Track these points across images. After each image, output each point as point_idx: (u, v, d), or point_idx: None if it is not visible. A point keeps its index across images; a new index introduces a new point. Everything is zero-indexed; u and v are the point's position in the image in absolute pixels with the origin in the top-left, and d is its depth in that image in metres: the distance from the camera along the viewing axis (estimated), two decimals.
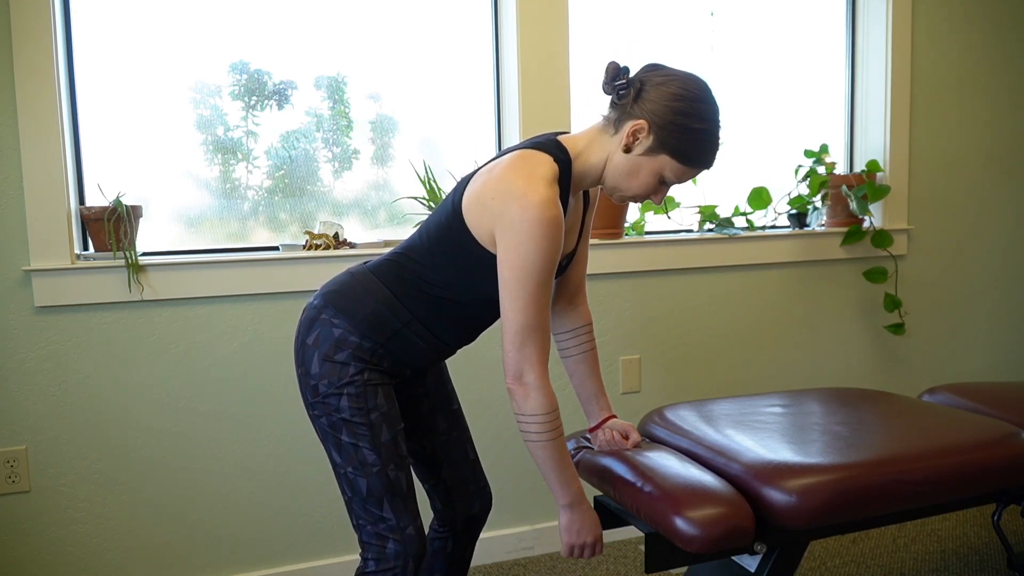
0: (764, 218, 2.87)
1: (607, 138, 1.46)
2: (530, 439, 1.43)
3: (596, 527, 1.51)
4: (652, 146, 1.42)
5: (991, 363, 3.19)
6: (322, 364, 1.46)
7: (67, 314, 2.11)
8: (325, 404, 1.47)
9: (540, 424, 1.41)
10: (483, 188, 1.41)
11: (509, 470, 2.53)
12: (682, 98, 1.39)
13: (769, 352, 2.83)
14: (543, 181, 1.37)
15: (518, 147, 1.47)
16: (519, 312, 1.37)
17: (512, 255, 1.36)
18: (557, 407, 1.42)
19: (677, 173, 1.44)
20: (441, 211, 1.49)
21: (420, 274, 1.49)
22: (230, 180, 2.37)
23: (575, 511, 1.49)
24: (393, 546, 1.47)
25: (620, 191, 1.49)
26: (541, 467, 1.46)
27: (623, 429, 1.71)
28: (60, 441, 2.14)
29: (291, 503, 2.33)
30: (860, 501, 1.50)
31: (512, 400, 1.42)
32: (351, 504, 1.49)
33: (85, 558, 2.18)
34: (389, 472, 1.47)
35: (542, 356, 1.40)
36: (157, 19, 2.26)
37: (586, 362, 1.71)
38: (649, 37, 2.74)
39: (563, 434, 1.44)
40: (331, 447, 1.49)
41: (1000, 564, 2.42)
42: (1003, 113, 3.09)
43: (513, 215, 1.35)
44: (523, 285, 1.36)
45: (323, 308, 1.50)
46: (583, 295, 1.71)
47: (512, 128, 2.51)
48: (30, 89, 2.02)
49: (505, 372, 1.41)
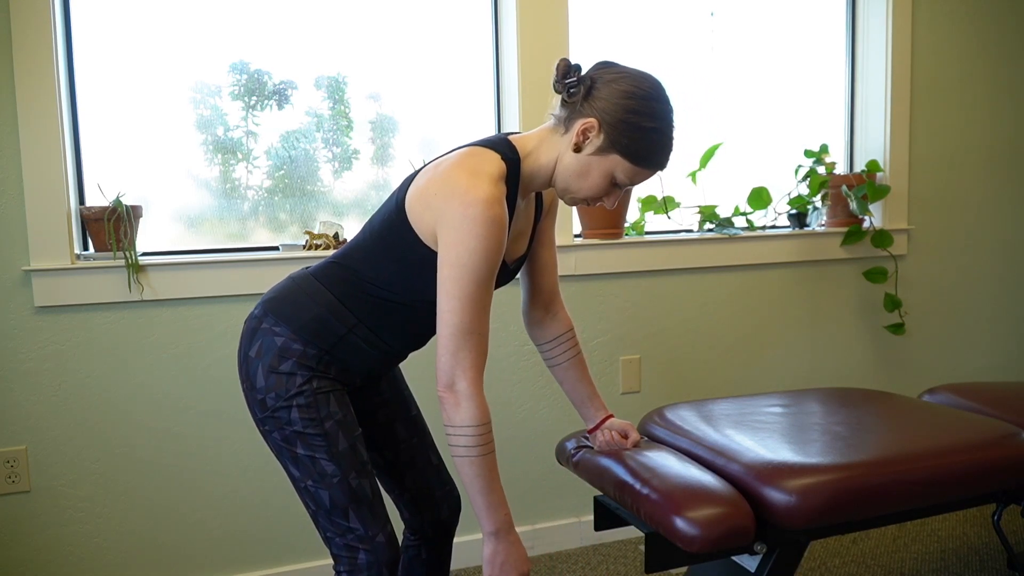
0: (764, 218, 2.87)
1: (557, 137, 1.41)
2: (458, 453, 1.33)
3: (523, 562, 1.39)
4: (603, 145, 1.37)
5: (991, 363, 3.19)
6: (267, 376, 1.40)
7: (67, 314, 2.11)
8: (275, 418, 1.41)
9: (469, 437, 1.32)
10: (427, 185, 1.36)
11: (508, 470, 2.53)
12: (633, 96, 1.35)
13: (769, 352, 2.83)
14: (488, 179, 1.32)
15: (467, 145, 1.42)
16: (454, 313, 1.30)
17: (451, 253, 1.30)
18: (489, 420, 1.34)
19: (629, 174, 1.39)
20: (385, 209, 1.44)
21: (364, 275, 1.43)
22: (230, 180, 2.37)
23: (500, 541, 1.37)
24: (364, 556, 1.41)
25: (571, 192, 1.43)
26: (467, 487, 1.35)
27: (622, 428, 1.70)
28: (60, 441, 2.14)
29: (291, 503, 2.33)
30: (860, 501, 1.50)
31: (442, 409, 1.33)
32: (316, 517, 1.43)
33: (85, 558, 2.18)
34: (351, 481, 1.40)
35: (477, 362, 1.32)
36: (157, 19, 2.26)
37: (575, 368, 1.68)
38: (649, 37, 2.74)
39: (494, 451, 1.35)
40: (287, 461, 1.43)
41: (1000, 564, 2.42)
42: (1003, 113, 3.09)
43: (454, 212, 1.29)
44: (461, 284, 1.30)
45: (263, 317, 1.44)
46: (559, 302, 1.67)
47: (512, 128, 2.51)
48: (30, 89, 2.02)
49: (437, 379, 1.33)
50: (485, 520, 1.36)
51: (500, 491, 1.36)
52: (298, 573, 2.34)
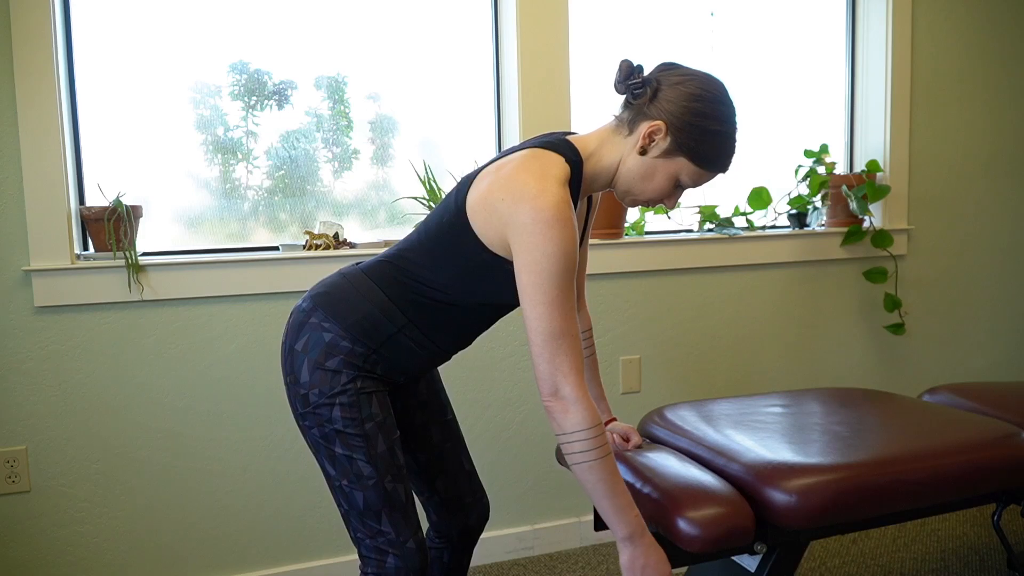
0: (764, 218, 2.87)
1: (620, 139, 1.39)
2: (575, 460, 1.29)
3: (664, 563, 1.34)
4: (669, 148, 1.35)
5: (991, 363, 3.19)
6: (312, 372, 1.39)
7: (67, 314, 2.11)
8: (316, 415, 1.40)
9: (584, 441, 1.28)
10: (491, 188, 1.33)
11: (508, 470, 2.53)
12: (701, 99, 1.34)
13: (769, 352, 2.83)
14: (556, 181, 1.30)
15: (526, 145, 1.40)
16: (542, 319, 1.28)
17: (528, 259, 1.27)
18: (600, 420, 1.30)
19: (693, 176, 1.38)
20: (442, 211, 1.41)
21: (417, 276, 1.41)
22: (230, 180, 2.37)
23: (637, 545, 1.32)
24: (393, 560, 1.40)
25: (633, 195, 1.42)
26: (592, 493, 1.30)
27: (624, 432, 1.71)
28: (60, 441, 2.14)
29: (291, 503, 2.33)
30: (860, 501, 1.50)
31: (551, 419, 1.30)
32: (348, 517, 1.42)
33: (85, 558, 2.18)
34: (386, 484, 1.40)
35: (576, 364, 1.29)
36: (157, 19, 2.26)
37: (588, 368, 1.68)
38: (649, 37, 2.74)
39: (611, 452, 1.31)
40: (324, 459, 1.42)
41: (1000, 564, 2.42)
42: (1003, 113, 3.09)
43: (525, 217, 1.27)
44: (544, 289, 1.27)
45: (312, 311, 1.42)
46: (583, 300, 1.68)
47: (512, 128, 2.51)
48: (30, 89, 2.02)
49: (539, 388, 1.30)
50: (616, 525, 1.32)
51: (626, 492, 1.32)
52: (298, 573, 2.34)
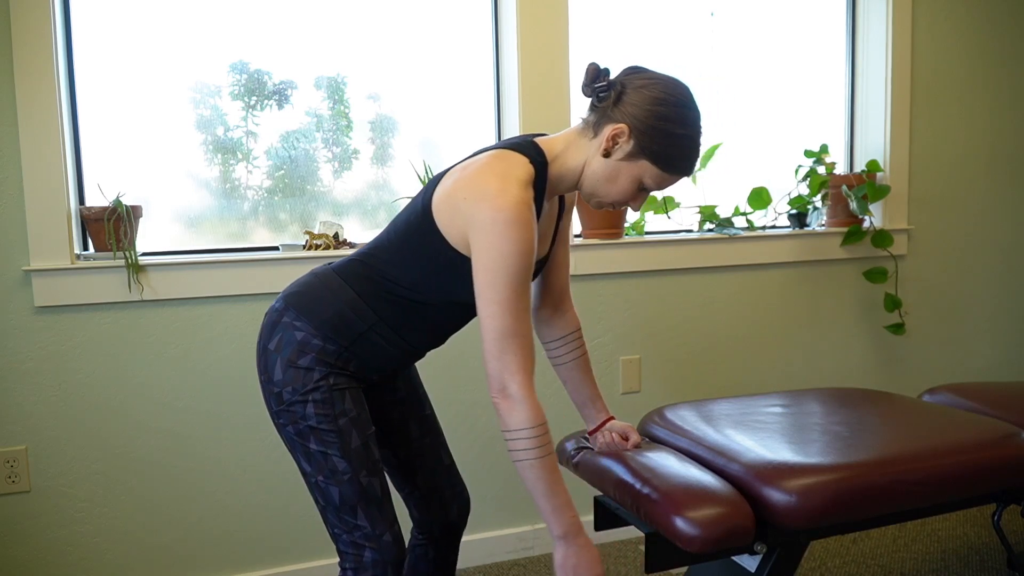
0: (764, 218, 2.87)
1: (585, 142, 1.41)
2: (518, 458, 1.33)
3: (596, 564, 1.36)
4: (632, 151, 1.37)
5: (991, 363, 3.19)
6: (285, 370, 1.41)
7: (67, 314, 2.11)
8: (290, 412, 1.41)
9: (527, 440, 1.32)
10: (455, 188, 1.35)
11: (508, 469, 2.53)
12: (664, 102, 1.35)
13: (769, 352, 2.83)
14: (517, 182, 1.32)
15: (493, 147, 1.42)
16: (494, 318, 1.31)
17: (485, 258, 1.30)
18: (545, 421, 1.33)
19: (657, 180, 1.40)
20: (410, 210, 1.44)
21: (387, 274, 1.43)
22: (230, 180, 2.37)
23: (571, 544, 1.36)
24: (370, 554, 1.42)
25: (597, 197, 1.44)
26: (531, 490, 1.34)
27: (622, 430, 1.70)
28: (60, 441, 2.14)
29: (291, 503, 2.33)
30: (860, 501, 1.50)
31: (498, 415, 1.33)
32: (325, 513, 1.44)
33: (85, 558, 2.18)
34: (361, 479, 1.41)
35: (524, 364, 1.32)
36: (157, 19, 2.26)
37: (579, 368, 1.68)
38: (649, 37, 2.74)
39: (553, 451, 1.34)
40: (299, 456, 1.43)
41: (1000, 564, 2.42)
42: (1004, 112, 3.09)
43: (485, 217, 1.29)
44: (497, 289, 1.30)
45: (284, 311, 1.44)
46: (568, 300, 1.68)
47: (512, 128, 2.51)
48: (30, 89, 2.02)
49: (488, 386, 1.34)
50: (552, 524, 1.35)
51: (565, 493, 1.35)
52: (298, 573, 2.34)
